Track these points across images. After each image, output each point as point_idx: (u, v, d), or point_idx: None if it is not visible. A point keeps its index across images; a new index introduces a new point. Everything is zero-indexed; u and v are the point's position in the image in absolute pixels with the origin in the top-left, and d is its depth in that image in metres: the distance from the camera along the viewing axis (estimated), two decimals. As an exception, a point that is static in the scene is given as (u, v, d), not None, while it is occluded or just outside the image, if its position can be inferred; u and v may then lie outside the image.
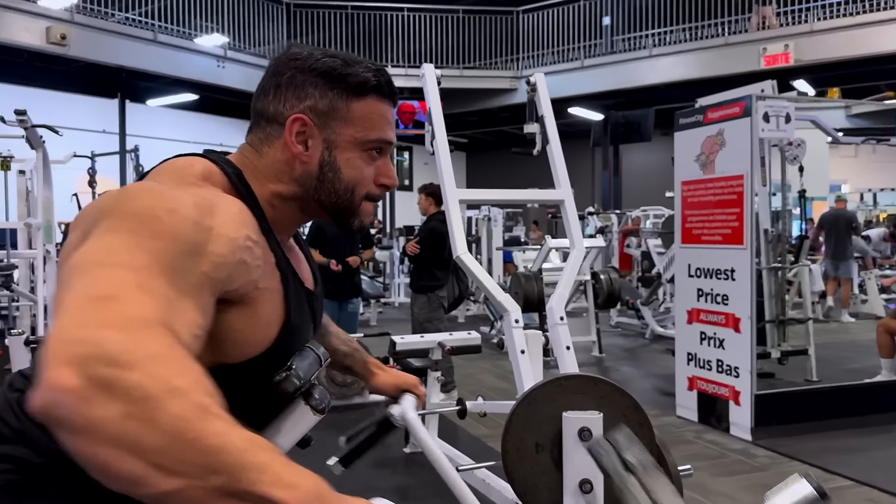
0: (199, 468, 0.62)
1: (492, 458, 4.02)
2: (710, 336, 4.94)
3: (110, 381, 0.61)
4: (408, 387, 1.45)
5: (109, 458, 0.61)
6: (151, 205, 0.80)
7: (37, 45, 10.44)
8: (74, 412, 0.60)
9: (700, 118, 5.05)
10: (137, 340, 0.64)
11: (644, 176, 17.80)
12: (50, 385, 0.61)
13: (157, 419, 0.61)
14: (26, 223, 5.93)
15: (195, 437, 0.62)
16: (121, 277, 0.70)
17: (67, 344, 0.62)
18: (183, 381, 0.64)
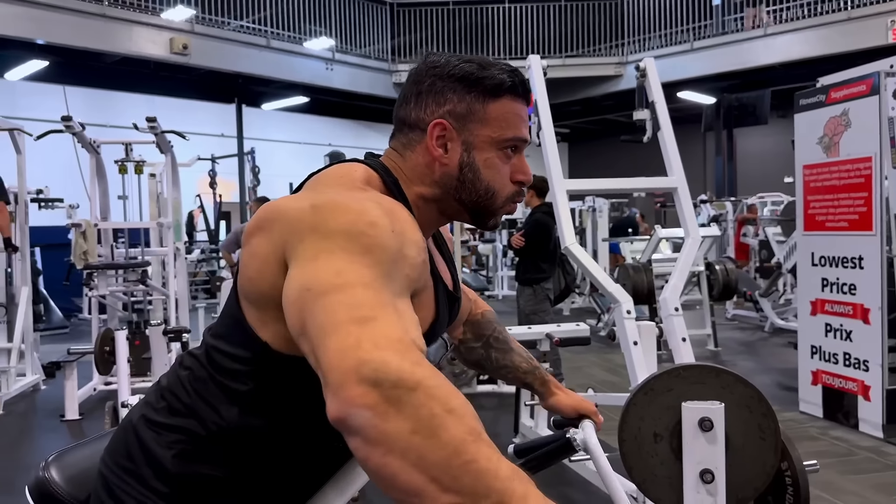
0: (472, 489, 0.68)
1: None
2: (836, 328, 4.68)
3: (400, 399, 0.69)
4: (587, 412, 1.45)
5: (396, 469, 0.68)
6: (352, 220, 0.86)
7: (162, 56, 11.16)
8: (370, 424, 0.69)
9: (822, 98, 4.78)
10: (411, 363, 0.72)
11: (760, 161, 16.96)
12: (349, 400, 0.70)
13: (439, 437, 0.68)
14: (158, 223, 6.37)
15: (471, 458, 0.68)
16: (364, 297, 0.78)
17: (356, 364, 0.71)
18: (457, 402, 0.71)
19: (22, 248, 5.99)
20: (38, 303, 7.81)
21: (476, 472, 0.68)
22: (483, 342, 1.45)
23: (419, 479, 0.68)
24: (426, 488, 0.67)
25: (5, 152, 6.04)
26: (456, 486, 0.67)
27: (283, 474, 1.06)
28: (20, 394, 5.70)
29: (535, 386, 1.47)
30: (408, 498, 0.69)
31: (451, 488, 0.67)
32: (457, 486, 0.67)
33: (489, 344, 1.45)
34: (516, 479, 0.70)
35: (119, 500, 1.03)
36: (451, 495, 0.67)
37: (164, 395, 1.07)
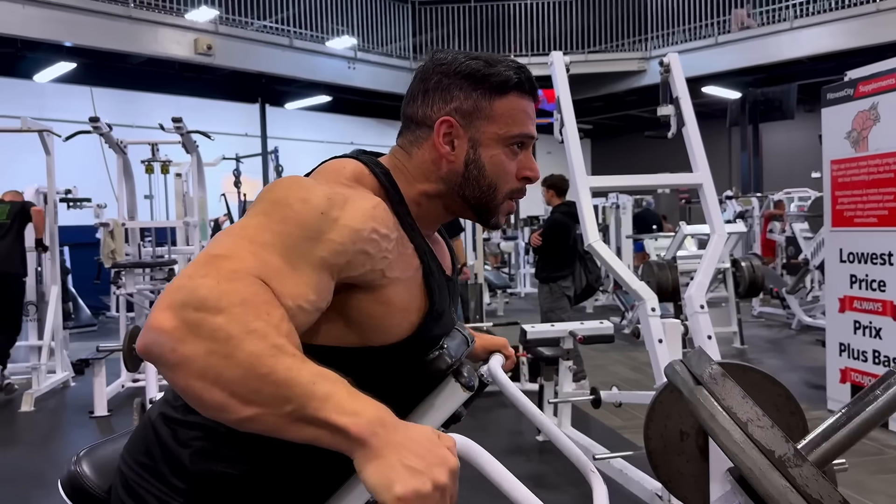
0: (272, 398, 0.72)
1: (627, 448, 3.97)
2: (864, 325, 4.60)
3: (199, 322, 0.73)
4: (496, 348, 1.49)
5: (199, 388, 0.73)
6: (288, 194, 0.91)
7: (186, 57, 11.27)
8: (168, 349, 0.73)
9: (850, 92, 4.70)
10: (228, 288, 0.76)
11: (787, 156, 16.73)
12: (150, 326, 0.74)
13: (235, 356, 0.72)
14: (184, 222, 6.44)
15: (267, 371, 0.72)
16: (239, 244, 0.83)
17: (171, 290, 0.75)
18: (261, 324, 0.75)
19: (51, 248, 6.10)
20: (68, 301, 7.96)
21: (274, 383, 0.72)
22: None
23: (220, 395, 0.72)
24: (228, 402, 0.73)
25: (35, 153, 6.15)
26: (255, 398, 0.72)
27: (300, 471, 1.06)
28: (50, 390, 5.81)
29: None
30: (216, 413, 0.75)
31: (251, 400, 0.72)
32: (256, 398, 0.72)
33: None
34: (318, 382, 0.73)
35: (138, 496, 1.04)
36: (252, 407, 0.73)
37: (173, 387, 1.08)
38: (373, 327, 1.00)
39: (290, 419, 0.72)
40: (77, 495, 1.16)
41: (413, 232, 1.05)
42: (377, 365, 1.01)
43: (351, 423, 0.71)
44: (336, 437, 0.72)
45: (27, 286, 6.17)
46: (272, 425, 0.73)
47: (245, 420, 0.73)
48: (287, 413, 0.72)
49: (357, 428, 0.71)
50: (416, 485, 0.68)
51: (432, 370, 1.06)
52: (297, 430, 0.73)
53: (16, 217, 5.77)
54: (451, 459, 0.72)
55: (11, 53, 10.54)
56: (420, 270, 1.04)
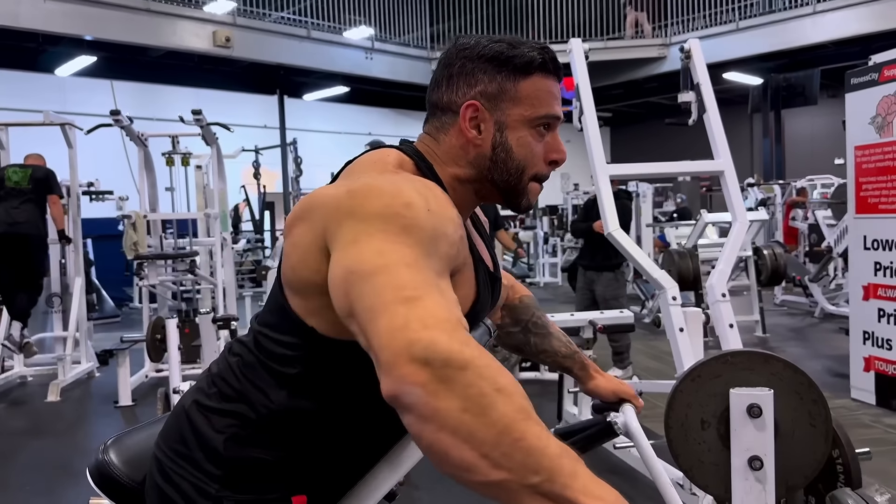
0: (521, 465, 0.70)
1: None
2: (889, 313, 4.55)
3: (451, 378, 0.71)
4: (627, 396, 1.44)
5: (448, 445, 0.71)
6: (388, 202, 0.87)
7: (205, 49, 11.33)
8: (422, 402, 0.72)
9: (875, 77, 4.62)
10: (460, 343, 0.74)
11: (809, 142, 16.50)
12: (402, 378, 0.72)
13: (489, 415, 0.71)
14: (205, 213, 6.49)
15: (520, 436, 0.70)
16: (408, 277, 0.80)
17: (406, 344, 0.73)
18: (506, 381, 0.73)
19: (75, 240, 6.18)
20: (91, 292, 8.07)
21: (526, 450, 0.70)
22: (522, 327, 1.45)
23: (470, 455, 0.70)
24: (477, 464, 0.70)
25: (57, 146, 6.22)
26: (506, 463, 0.70)
27: (332, 455, 1.08)
28: (76, 381, 5.90)
29: (575, 370, 1.47)
30: (460, 473, 0.72)
31: (501, 465, 0.70)
32: (507, 463, 0.70)
33: (528, 329, 1.45)
34: (565, 457, 0.71)
35: (174, 482, 1.06)
36: (501, 471, 0.70)
37: (215, 381, 1.10)
38: None
39: (533, 491, 0.70)
40: (105, 483, 1.19)
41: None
42: None
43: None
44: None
45: (52, 278, 6.26)
46: (513, 493, 0.71)
47: (489, 484, 0.71)
48: (532, 484, 0.70)
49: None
50: None
51: None
52: (535, 503, 0.71)
53: (37, 184, 5.75)
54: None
55: (33, 48, 10.66)
56: (470, 257, 1.05)
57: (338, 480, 1.10)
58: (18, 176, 5.74)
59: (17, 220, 5.60)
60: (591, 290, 5.62)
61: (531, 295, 1.51)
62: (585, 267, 5.75)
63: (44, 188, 5.79)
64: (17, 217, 5.61)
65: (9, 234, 5.58)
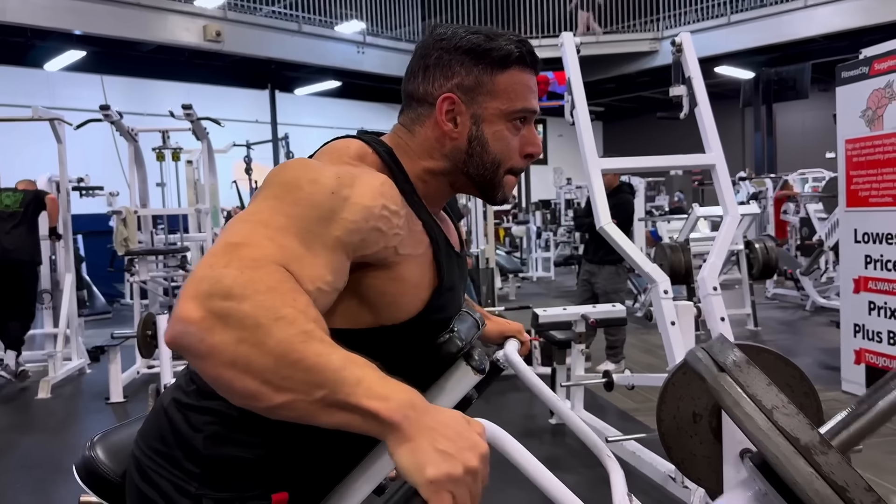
0: (303, 384, 0.72)
1: (639, 431, 3.97)
2: (880, 306, 4.57)
3: (226, 311, 0.73)
4: (511, 333, 1.49)
5: (229, 377, 0.73)
6: (298, 175, 0.90)
7: (195, 44, 11.26)
8: (197, 339, 0.73)
9: (865, 70, 4.64)
10: (253, 276, 0.76)
11: (801, 136, 16.55)
12: (177, 317, 0.73)
13: (265, 343, 0.72)
14: (196, 209, 6.46)
15: (298, 357, 0.72)
16: (255, 230, 0.83)
17: (195, 281, 0.75)
18: (289, 310, 0.74)
19: (65, 236, 6.14)
20: (82, 289, 8.03)
21: (305, 368, 0.72)
22: None
23: (252, 383, 0.72)
24: (260, 390, 0.72)
25: (47, 142, 6.18)
26: (287, 385, 0.72)
27: (314, 452, 1.07)
28: (67, 377, 5.87)
29: None
30: (248, 402, 0.74)
31: (283, 387, 0.72)
32: (288, 385, 0.72)
33: None
34: (349, 367, 0.73)
35: (153, 482, 1.04)
36: (284, 393, 0.72)
37: (194, 378, 1.08)
38: (386, 305, 1.00)
39: (321, 405, 0.72)
40: (92, 480, 1.18)
41: (420, 209, 1.05)
42: (390, 346, 1.01)
43: (382, 408, 0.71)
44: (367, 421, 0.72)
45: (42, 274, 6.22)
46: (304, 411, 0.73)
47: (277, 407, 0.73)
48: (319, 399, 0.72)
49: (388, 412, 0.71)
50: (448, 468, 0.69)
51: (443, 353, 1.06)
52: (329, 415, 0.73)
53: (29, 205, 5.81)
54: (481, 444, 0.73)
55: (21, 42, 10.58)
56: (430, 247, 1.04)
57: (320, 477, 1.09)
58: (10, 200, 5.77)
59: (7, 246, 5.64)
60: (592, 282, 5.65)
61: None
62: (588, 260, 5.78)
63: (36, 207, 5.86)
64: (8, 244, 5.64)
65: (0, 261, 5.59)
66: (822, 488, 0.65)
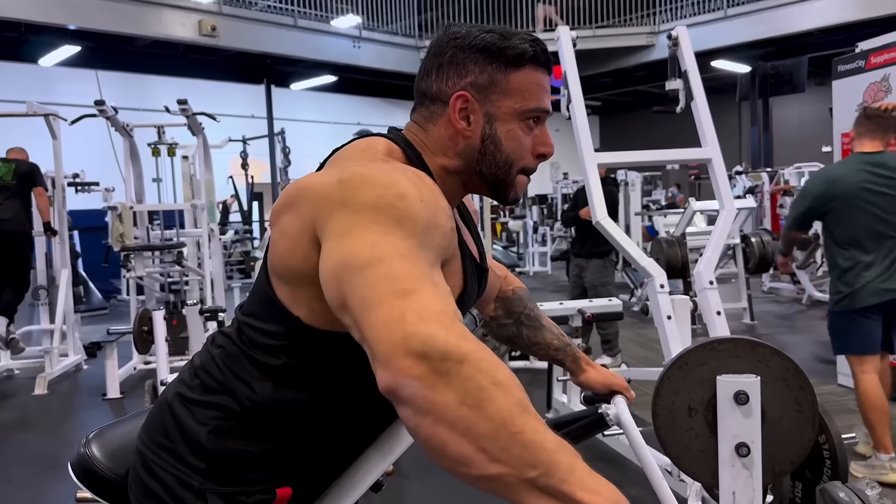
0: (519, 459, 0.70)
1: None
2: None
3: (448, 372, 0.71)
4: (618, 388, 1.44)
5: (445, 438, 0.71)
6: (380, 192, 0.86)
7: (191, 38, 11.22)
8: (420, 395, 0.71)
9: (861, 64, 4.64)
10: (457, 336, 0.73)
11: (797, 130, 16.56)
12: (399, 371, 0.72)
13: (487, 409, 0.70)
14: (192, 204, 6.44)
15: (518, 430, 0.70)
16: (402, 269, 0.79)
17: (403, 337, 0.73)
18: (503, 375, 0.73)
19: (60, 232, 6.12)
20: (78, 285, 8.01)
21: (523, 444, 0.69)
22: (514, 319, 1.44)
23: (468, 448, 0.70)
24: (474, 457, 0.70)
25: (41, 138, 6.15)
26: (503, 457, 0.69)
27: (317, 447, 1.07)
28: (63, 374, 5.86)
29: (567, 363, 1.46)
30: (456, 466, 0.71)
31: (498, 458, 0.69)
32: (504, 457, 0.69)
33: (520, 321, 1.45)
34: (563, 451, 0.71)
35: (157, 476, 1.05)
36: (498, 465, 0.70)
37: (198, 373, 1.08)
38: None
39: (530, 485, 0.70)
40: (87, 477, 1.18)
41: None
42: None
43: (594, 502, 0.69)
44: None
45: (38, 270, 6.21)
46: (510, 487, 0.71)
47: (486, 478, 0.71)
48: (530, 478, 0.69)
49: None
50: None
51: None
52: (534, 497, 0.70)
53: (22, 178, 5.74)
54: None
55: (15, 38, 10.52)
56: (458, 248, 1.04)
57: (323, 472, 1.09)
58: (2, 171, 5.71)
59: (2, 217, 5.57)
60: (581, 277, 5.66)
61: (524, 287, 1.50)
62: (576, 255, 5.80)
63: (28, 182, 5.77)
64: (2, 214, 5.58)
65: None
66: None
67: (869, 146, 3.25)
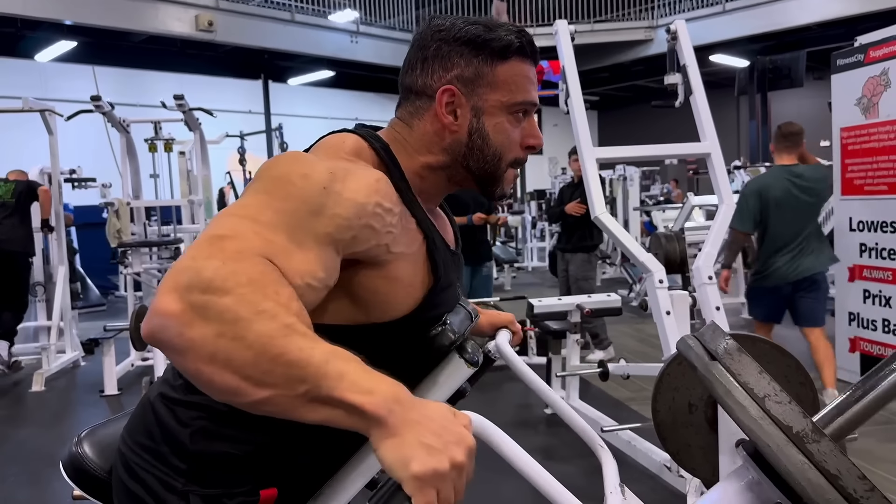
0: (285, 379, 0.70)
1: (635, 420, 3.98)
2: (874, 294, 4.58)
3: (205, 305, 0.71)
4: (503, 324, 1.47)
5: (209, 373, 0.71)
6: (289, 170, 0.89)
7: (188, 34, 11.18)
8: (175, 334, 0.71)
9: (860, 58, 4.62)
10: (235, 268, 0.74)
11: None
12: (155, 310, 0.72)
13: (245, 338, 0.70)
14: (189, 200, 6.43)
15: (279, 352, 0.70)
16: (242, 224, 0.81)
17: (175, 273, 0.73)
18: (270, 304, 0.73)
19: (58, 228, 6.10)
20: (76, 281, 7.99)
21: (286, 364, 0.70)
22: None
23: (232, 378, 0.71)
24: (241, 385, 0.71)
25: (39, 134, 6.13)
26: (268, 380, 0.70)
27: (303, 447, 1.05)
28: (61, 370, 5.85)
29: None
30: (228, 397, 0.72)
31: (263, 382, 0.70)
32: (269, 380, 0.70)
33: None
34: (331, 361, 0.71)
35: (139, 477, 1.03)
36: (265, 389, 0.71)
37: (181, 372, 1.06)
38: (378, 303, 0.98)
39: (304, 400, 0.71)
40: (79, 476, 1.16)
41: (414, 206, 1.03)
42: (382, 342, 0.99)
43: (366, 402, 0.69)
44: (351, 416, 0.70)
45: (35, 267, 6.19)
46: (286, 406, 0.72)
47: (258, 402, 0.72)
48: (301, 394, 0.70)
49: (372, 406, 0.69)
50: (433, 463, 0.67)
51: (436, 346, 1.05)
52: (312, 410, 0.71)
53: (20, 196, 5.77)
54: (467, 437, 0.71)
55: (12, 33, 10.48)
56: (424, 245, 1.02)
57: (310, 473, 1.07)
58: (2, 190, 5.72)
59: (0, 237, 5.56)
60: (568, 271, 5.67)
61: None
62: (562, 250, 5.83)
63: (27, 198, 5.84)
64: (1, 234, 5.60)
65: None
66: (814, 477, 0.64)
67: (787, 160, 4.12)
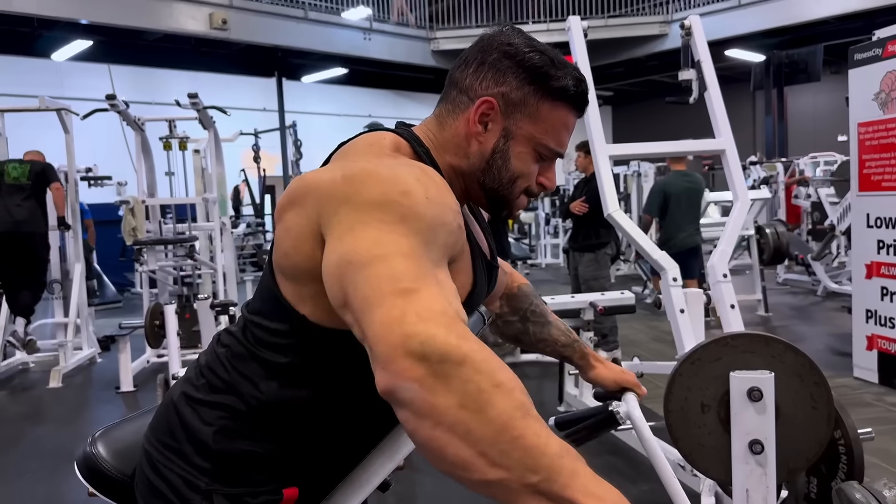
0: (520, 464, 0.67)
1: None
2: (892, 291, 4.52)
3: (448, 374, 0.69)
4: (629, 385, 1.41)
5: (444, 442, 0.69)
6: (385, 189, 0.84)
7: (202, 32, 11.22)
8: (419, 397, 0.69)
9: (879, 52, 4.56)
10: (457, 337, 0.71)
11: (812, 120, 16.37)
12: (398, 373, 0.70)
13: (487, 412, 0.68)
14: (203, 198, 6.46)
15: (519, 434, 0.68)
16: (404, 268, 0.77)
17: (402, 338, 0.71)
18: (504, 377, 0.71)
19: (74, 226, 6.16)
20: (92, 278, 8.06)
21: (524, 448, 0.67)
22: (520, 316, 1.42)
23: (467, 452, 0.68)
24: (474, 462, 0.68)
25: (55, 132, 6.18)
26: (504, 461, 0.67)
27: (324, 447, 1.06)
28: (77, 367, 5.91)
29: (575, 359, 1.43)
30: (456, 471, 0.69)
31: (498, 463, 0.67)
32: (505, 461, 0.67)
33: (526, 317, 1.42)
34: (565, 456, 0.69)
35: (163, 476, 1.04)
36: (498, 470, 0.67)
37: (204, 372, 1.07)
38: None
39: (530, 490, 0.68)
40: (93, 476, 1.17)
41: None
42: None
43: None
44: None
45: (51, 264, 6.25)
46: (511, 494, 0.69)
47: (487, 483, 0.69)
48: (531, 483, 0.67)
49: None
50: None
51: None
52: (534, 502, 0.68)
53: (37, 178, 5.81)
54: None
55: (28, 32, 10.57)
56: (468, 245, 1.02)
57: (330, 472, 1.08)
58: (18, 171, 5.76)
59: (18, 218, 5.65)
60: (574, 270, 5.64)
61: (529, 283, 1.47)
62: (572, 248, 5.78)
63: (43, 181, 5.85)
64: (19, 215, 5.65)
65: (11, 232, 5.63)
66: None
67: (680, 166, 6.31)
